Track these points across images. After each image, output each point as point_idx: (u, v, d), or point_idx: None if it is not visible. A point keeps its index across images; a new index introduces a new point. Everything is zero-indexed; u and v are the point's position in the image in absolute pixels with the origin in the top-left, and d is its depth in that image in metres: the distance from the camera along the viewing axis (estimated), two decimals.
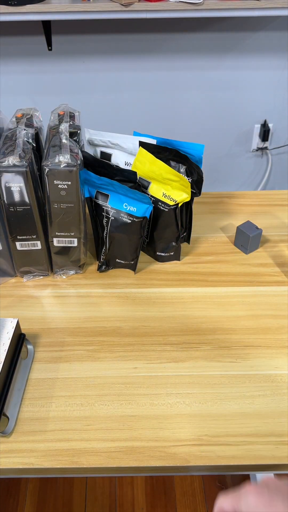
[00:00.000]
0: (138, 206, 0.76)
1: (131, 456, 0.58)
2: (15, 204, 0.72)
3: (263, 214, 0.99)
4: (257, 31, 1.62)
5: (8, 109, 0.83)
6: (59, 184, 0.71)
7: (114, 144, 0.82)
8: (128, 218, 0.78)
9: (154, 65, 1.66)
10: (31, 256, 0.80)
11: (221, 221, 0.98)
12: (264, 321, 0.76)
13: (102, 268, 0.84)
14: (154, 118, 1.78)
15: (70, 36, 1.56)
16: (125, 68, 1.65)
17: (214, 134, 1.86)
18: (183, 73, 1.69)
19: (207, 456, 0.58)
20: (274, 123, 1.86)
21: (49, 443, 0.60)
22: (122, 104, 1.74)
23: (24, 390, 0.66)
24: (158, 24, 1.57)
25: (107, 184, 0.76)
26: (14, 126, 0.76)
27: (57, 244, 0.79)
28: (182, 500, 1.23)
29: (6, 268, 0.82)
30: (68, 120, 0.78)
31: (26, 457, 0.58)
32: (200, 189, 0.81)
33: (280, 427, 0.61)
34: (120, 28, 1.56)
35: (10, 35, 1.54)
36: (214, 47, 1.65)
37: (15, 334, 0.66)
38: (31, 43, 1.56)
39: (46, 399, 0.64)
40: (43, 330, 0.74)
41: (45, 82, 1.65)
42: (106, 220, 0.79)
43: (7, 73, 1.62)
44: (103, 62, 1.63)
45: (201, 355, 0.71)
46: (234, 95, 1.77)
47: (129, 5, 1.33)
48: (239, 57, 1.67)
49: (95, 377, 0.67)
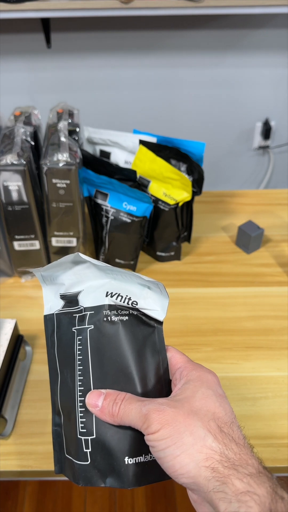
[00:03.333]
0: (138, 205, 0.76)
1: None
2: (13, 203, 0.71)
3: (265, 213, 0.98)
4: (258, 28, 1.61)
5: (7, 107, 0.82)
6: (57, 183, 0.70)
7: (113, 142, 0.81)
8: (127, 218, 0.77)
9: (154, 63, 1.65)
10: (29, 256, 0.79)
11: (222, 221, 0.97)
12: (266, 322, 0.75)
13: None
14: (154, 116, 1.77)
15: (69, 33, 1.55)
16: (125, 65, 1.65)
17: (215, 132, 1.85)
18: (184, 71, 1.68)
19: None
20: (276, 121, 1.85)
21: (48, 445, 0.59)
22: (121, 102, 1.73)
23: (22, 392, 0.65)
24: (158, 22, 1.56)
25: (106, 183, 0.75)
26: (12, 124, 0.76)
27: (55, 244, 0.78)
28: (182, 503, 1.22)
29: (4, 268, 0.81)
30: (67, 118, 0.78)
31: (24, 459, 0.58)
32: (201, 188, 0.80)
33: (282, 430, 0.60)
34: (119, 26, 1.55)
35: (8, 33, 1.53)
36: (214, 45, 1.64)
37: (13, 335, 0.65)
38: (30, 41, 1.55)
39: (45, 401, 0.64)
40: (41, 331, 0.73)
41: (44, 80, 1.64)
42: (105, 219, 0.78)
43: (5, 71, 1.61)
44: (103, 60, 1.63)
45: (202, 356, 0.70)
46: (235, 93, 1.76)
47: (129, 3, 1.32)
48: (240, 54, 1.66)
49: None
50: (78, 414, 0.36)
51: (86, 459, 0.36)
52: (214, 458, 0.31)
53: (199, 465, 0.31)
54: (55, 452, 0.39)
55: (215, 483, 0.30)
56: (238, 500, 0.29)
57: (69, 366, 0.38)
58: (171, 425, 0.32)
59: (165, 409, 0.33)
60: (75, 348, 0.37)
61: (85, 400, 0.36)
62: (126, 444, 0.35)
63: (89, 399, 0.36)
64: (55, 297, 0.40)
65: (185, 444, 0.31)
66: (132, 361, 0.37)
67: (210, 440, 0.32)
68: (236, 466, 0.31)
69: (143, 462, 0.35)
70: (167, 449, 0.32)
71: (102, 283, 0.38)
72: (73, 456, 0.37)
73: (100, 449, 0.35)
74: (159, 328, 0.39)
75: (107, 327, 0.37)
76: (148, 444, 0.33)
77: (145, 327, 0.38)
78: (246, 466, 0.31)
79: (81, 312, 0.38)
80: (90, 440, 0.36)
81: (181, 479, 0.32)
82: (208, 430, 0.32)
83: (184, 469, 0.31)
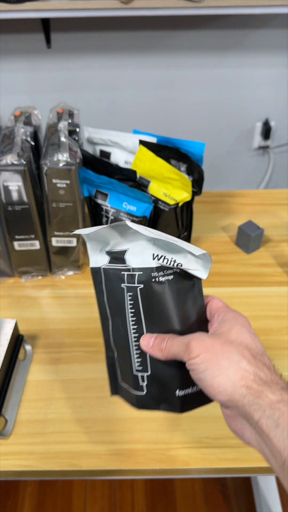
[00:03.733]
0: (138, 205, 0.76)
1: (131, 459, 0.58)
2: (13, 203, 0.71)
3: (265, 213, 0.98)
4: (258, 28, 1.61)
5: (7, 107, 0.82)
6: (58, 183, 0.70)
7: (113, 142, 0.81)
8: (128, 218, 0.77)
9: (154, 63, 1.65)
10: (29, 256, 0.79)
11: (222, 221, 0.97)
12: (266, 322, 0.75)
13: None
14: (154, 116, 1.77)
15: (70, 33, 1.56)
16: (125, 65, 1.65)
17: (215, 132, 1.85)
18: (184, 71, 1.69)
19: (207, 459, 0.58)
20: (275, 122, 1.85)
21: (48, 445, 0.59)
22: (121, 102, 1.73)
23: (22, 392, 0.65)
24: (158, 22, 1.56)
25: (106, 183, 0.75)
26: (12, 125, 0.76)
27: (55, 244, 0.78)
28: (182, 503, 1.22)
29: (4, 268, 0.81)
30: (67, 118, 0.78)
31: (24, 459, 0.58)
32: (201, 188, 0.80)
33: None
34: (120, 26, 1.55)
35: (8, 33, 1.53)
36: (214, 45, 1.64)
37: (13, 335, 0.65)
38: (30, 41, 1.55)
39: (45, 401, 0.64)
40: (41, 331, 0.73)
41: (44, 80, 1.64)
42: (105, 219, 0.78)
43: (5, 71, 1.61)
44: (103, 60, 1.63)
45: None
46: (235, 93, 1.76)
47: (129, 3, 1.32)
48: (240, 55, 1.67)
49: (94, 378, 0.67)
50: (133, 356, 0.44)
51: (142, 390, 0.45)
52: (249, 378, 0.36)
53: (235, 384, 0.36)
54: (111, 379, 0.48)
55: (249, 397, 0.35)
56: (272, 408, 0.34)
57: (120, 316, 0.45)
58: (210, 351, 0.37)
59: (204, 338, 0.39)
60: (125, 302, 0.44)
61: (139, 343, 0.43)
62: (176, 379, 0.43)
63: (143, 340, 0.43)
64: (100, 253, 0.45)
65: (222, 367, 0.36)
66: (177, 311, 0.43)
67: (244, 363, 0.37)
68: (268, 383, 0.36)
69: (191, 393, 0.44)
70: (206, 371, 0.37)
71: (147, 245, 0.43)
72: (131, 386, 0.45)
73: (155, 384, 0.44)
74: (199, 281, 0.44)
75: (155, 286, 0.43)
76: (189, 368, 0.38)
77: (187, 282, 0.43)
78: (277, 383, 0.36)
79: (129, 271, 0.43)
80: (146, 376, 0.44)
81: (219, 397, 0.37)
82: (242, 356, 0.37)
83: (222, 387, 0.36)
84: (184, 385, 0.43)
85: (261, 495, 1.18)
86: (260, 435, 0.35)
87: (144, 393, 0.45)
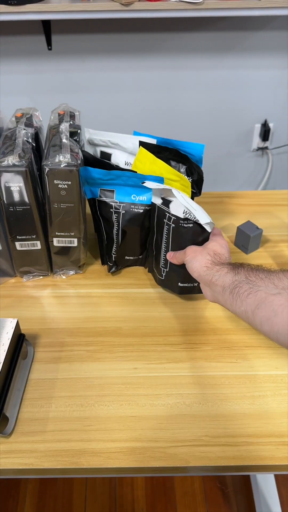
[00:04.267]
0: (147, 195, 0.76)
1: (131, 457, 0.58)
2: (15, 204, 0.72)
3: (264, 214, 0.99)
4: (257, 30, 1.62)
5: (8, 109, 0.83)
6: (59, 184, 0.71)
7: (114, 143, 0.82)
8: (140, 208, 0.77)
9: (154, 65, 1.66)
10: (30, 256, 0.80)
11: (222, 221, 0.98)
12: None
13: (113, 268, 0.84)
14: (154, 117, 1.78)
15: (70, 35, 1.56)
16: (125, 67, 1.65)
17: (214, 134, 1.86)
18: (183, 73, 1.69)
19: (207, 457, 0.58)
20: (274, 123, 1.86)
21: (49, 443, 0.60)
22: (122, 103, 1.74)
23: (23, 390, 0.65)
24: (158, 24, 1.57)
25: (115, 178, 0.75)
26: (13, 126, 0.76)
27: (57, 244, 0.78)
28: (182, 501, 1.22)
29: (5, 268, 0.82)
30: (69, 119, 0.78)
31: (25, 457, 0.58)
32: (200, 189, 0.81)
33: (281, 428, 0.61)
34: (120, 28, 1.56)
35: (9, 35, 1.54)
36: (214, 47, 1.64)
37: (14, 334, 0.66)
38: (31, 43, 1.56)
39: (46, 400, 0.64)
40: (42, 330, 0.74)
41: (45, 82, 1.65)
42: (116, 216, 0.78)
43: (7, 72, 1.62)
44: (103, 62, 1.63)
45: (201, 355, 0.70)
46: (235, 94, 1.76)
47: (129, 5, 1.33)
48: (239, 56, 1.67)
49: (95, 377, 0.67)
50: (161, 259, 0.77)
51: (162, 276, 0.79)
52: (208, 263, 0.63)
53: (201, 266, 0.64)
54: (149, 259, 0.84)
55: (207, 271, 0.62)
56: (217, 271, 0.61)
57: (160, 235, 0.76)
58: (194, 252, 0.67)
59: (193, 247, 0.68)
60: (164, 231, 0.75)
61: (166, 254, 0.75)
62: (180, 276, 0.75)
63: (168, 254, 0.74)
64: (156, 196, 0.76)
65: (197, 259, 0.65)
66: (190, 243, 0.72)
67: (208, 257, 0.64)
68: (217, 264, 0.62)
69: (187, 286, 0.76)
70: (190, 262, 0.66)
71: (181, 204, 0.71)
72: (157, 273, 0.80)
73: (169, 276, 0.77)
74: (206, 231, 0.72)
75: (181, 228, 0.72)
76: (185, 263, 0.68)
77: (200, 230, 0.71)
78: (222, 264, 0.62)
79: (170, 215, 0.73)
80: (165, 271, 0.78)
81: (194, 274, 0.65)
82: (208, 254, 0.65)
83: (195, 268, 0.64)
84: (184, 280, 0.75)
85: (260, 493, 1.19)
86: (212, 289, 0.61)
87: (163, 278, 0.78)
